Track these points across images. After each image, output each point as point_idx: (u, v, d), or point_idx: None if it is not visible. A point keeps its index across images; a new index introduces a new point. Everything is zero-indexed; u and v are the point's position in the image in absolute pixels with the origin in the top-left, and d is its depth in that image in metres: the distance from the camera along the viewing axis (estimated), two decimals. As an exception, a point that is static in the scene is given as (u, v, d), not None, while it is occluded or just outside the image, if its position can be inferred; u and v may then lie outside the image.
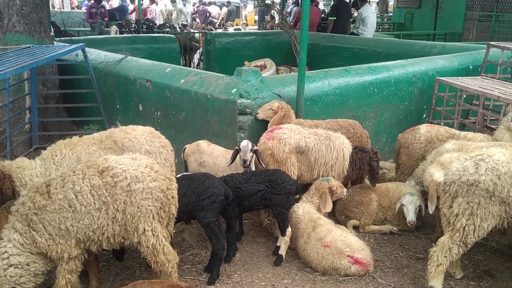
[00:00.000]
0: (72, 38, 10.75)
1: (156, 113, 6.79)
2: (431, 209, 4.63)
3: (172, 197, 3.82)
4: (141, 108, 7.08)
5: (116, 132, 4.61)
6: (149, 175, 3.68)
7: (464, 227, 3.91)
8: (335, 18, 12.49)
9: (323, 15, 15.76)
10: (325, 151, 5.13)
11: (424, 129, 5.72)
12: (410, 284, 4.28)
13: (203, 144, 5.32)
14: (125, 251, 4.50)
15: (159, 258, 3.76)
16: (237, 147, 4.89)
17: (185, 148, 5.35)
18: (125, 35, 14.08)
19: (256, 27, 25.91)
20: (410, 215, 4.94)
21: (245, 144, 4.84)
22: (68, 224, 3.52)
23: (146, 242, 3.68)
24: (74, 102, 8.26)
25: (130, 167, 3.67)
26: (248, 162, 4.81)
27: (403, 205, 5.01)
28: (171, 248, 3.85)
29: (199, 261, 4.65)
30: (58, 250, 3.54)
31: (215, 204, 4.19)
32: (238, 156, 4.89)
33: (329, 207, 4.98)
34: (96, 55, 8.33)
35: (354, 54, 10.84)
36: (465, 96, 7.01)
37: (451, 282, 4.31)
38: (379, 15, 18.70)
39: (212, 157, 5.22)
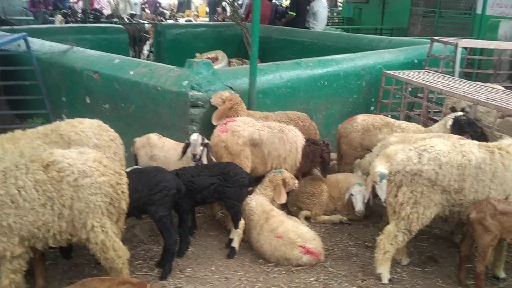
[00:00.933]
0: (14, 27, 10.21)
1: (104, 105, 6.60)
2: (371, 200, 4.82)
3: (122, 192, 3.73)
4: (88, 101, 6.86)
5: (62, 125, 4.44)
6: (97, 170, 3.57)
7: (409, 215, 4.08)
8: (294, 14, 12.55)
9: (282, 8, 15.74)
10: (278, 144, 5.18)
11: (361, 118, 5.94)
12: (359, 272, 4.41)
13: (154, 137, 5.23)
14: (73, 248, 4.37)
15: (109, 254, 3.67)
16: (187, 141, 4.85)
17: (135, 142, 5.24)
18: (71, 25, 13.54)
19: (207, 18, 25.65)
20: (359, 205, 5.09)
21: (195, 138, 4.79)
22: (10, 221, 3.35)
23: (95, 238, 3.58)
24: (17, 95, 7.87)
25: (77, 161, 3.55)
26: (197, 156, 4.77)
27: (352, 195, 5.16)
28: (121, 244, 3.77)
29: (150, 256, 4.58)
30: (0, 249, 3.38)
31: (167, 198, 4.14)
32: (189, 149, 4.85)
33: (283, 199, 5.04)
34: (39, 45, 7.96)
35: (305, 47, 10.97)
36: (410, 89, 7.27)
37: (398, 269, 4.48)
38: (329, 9, 18.98)
39: (163, 150, 5.13)
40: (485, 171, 4.01)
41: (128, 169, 4.40)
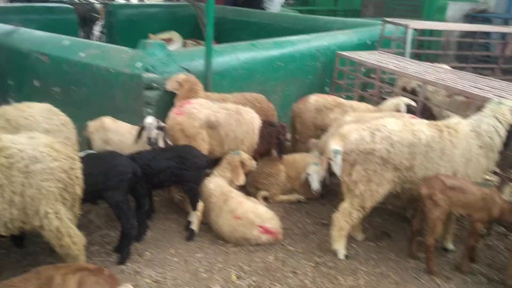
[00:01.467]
0: (-48, 6, 9.60)
1: (54, 89, 6.35)
2: (327, 178, 4.96)
3: (76, 177, 3.64)
4: (37, 84, 6.59)
5: (9, 110, 4.25)
6: (49, 155, 3.45)
7: (362, 193, 4.20)
8: None
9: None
10: (235, 126, 5.18)
11: (314, 98, 6.05)
12: (316, 249, 4.53)
13: (108, 121, 5.11)
14: (26, 236, 4.24)
15: (64, 241, 3.59)
16: (142, 124, 4.76)
17: (88, 126, 5.10)
18: (16, 4, 12.85)
19: (161, -2, 25.02)
20: (315, 184, 5.20)
21: (150, 121, 4.71)
22: None
23: (49, 225, 3.49)
24: (-41, 78, 7.45)
25: (27, 146, 3.41)
26: (153, 140, 4.70)
27: (308, 174, 5.25)
28: (76, 230, 3.69)
29: (108, 241, 4.51)
30: None
31: (123, 182, 4.07)
32: (144, 133, 4.76)
33: (242, 180, 5.06)
34: (-19, 26, 7.54)
35: (261, 28, 10.94)
36: (363, 69, 7.41)
37: (353, 244, 4.63)
38: (284, -10, 18.93)
39: (117, 134, 5.03)
40: (435, 149, 4.17)
41: (82, 154, 4.29)
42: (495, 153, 4.32)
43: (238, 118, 5.17)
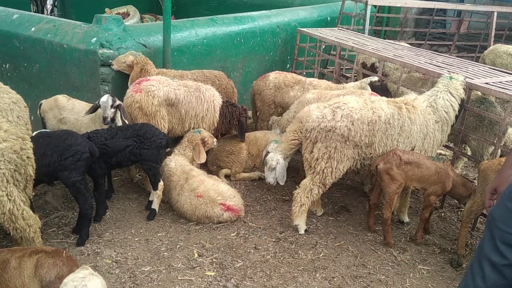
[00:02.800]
0: None
1: (4, 65, 6.05)
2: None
3: (28, 157, 3.49)
4: (-15, 61, 6.25)
5: (-46, 88, 4.01)
6: None
7: (323, 169, 4.26)
8: None
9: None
10: (195, 103, 5.10)
11: (273, 76, 6.05)
12: (278, 225, 4.59)
13: (62, 99, 4.92)
14: None
15: (19, 224, 3.47)
16: (96, 103, 4.61)
17: (41, 104, 4.90)
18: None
19: (117, -29, 24.12)
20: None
21: (105, 99, 4.56)
22: None
23: (2, 208, 3.35)
24: None
25: None
26: (108, 119, 4.57)
27: (268, 152, 5.26)
28: (31, 212, 3.57)
29: (65, 223, 4.41)
30: None
31: (79, 162, 3.95)
32: (100, 112, 4.63)
33: (203, 158, 5.03)
34: None
35: (221, 3, 10.76)
36: (324, 46, 7.44)
37: (313, 219, 4.72)
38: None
39: (73, 112, 4.85)
40: (394, 126, 4.26)
41: (35, 133, 4.13)
42: (449, 126, 4.49)
43: (199, 95, 5.10)
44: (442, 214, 5.04)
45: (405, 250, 4.31)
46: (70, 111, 4.86)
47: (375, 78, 5.67)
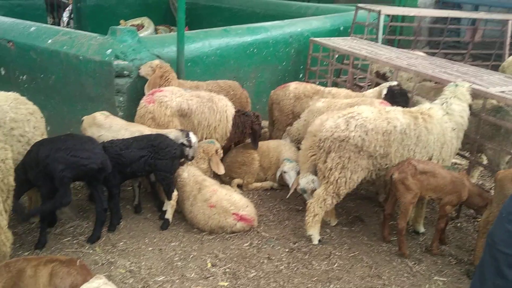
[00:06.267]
0: None
1: (21, 77, 6.16)
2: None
3: (10, 167, 3.48)
4: (3, 72, 6.38)
5: (-27, 99, 4.10)
6: None
7: (337, 179, 4.24)
8: None
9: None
10: (208, 113, 5.13)
11: (293, 86, 6.03)
12: (291, 235, 4.56)
13: (100, 116, 4.83)
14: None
15: (1, 237, 3.37)
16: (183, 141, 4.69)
17: (82, 121, 4.89)
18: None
19: (132, -17, 24.47)
20: (292, 181, 5.05)
21: (196, 140, 4.75)
22: None
23: None
24: None
25: None
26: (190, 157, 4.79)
27: (284, 172, 5.21)
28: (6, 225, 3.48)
29: (80, 232, 4.44)
30: None
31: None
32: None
33: (222, 169, 5.04)
34: None
35: (234, 14, 10.82)
36: (337, 56, 7.43)
37: (327, 229, 4.68)
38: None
39: (111, 131, 4.73)
40: (410, 136, 4.23)
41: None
42: (463, 132, 4.46)
43: (211, 105, 5.13)
44: (458, 224, 4.96)
45: (420, 261, 4.25)
46: (107, 129, 4.75)
47: (394, 83, 5.61)
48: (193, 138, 4.69)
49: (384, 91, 5.41)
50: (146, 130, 4.73)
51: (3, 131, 4.02)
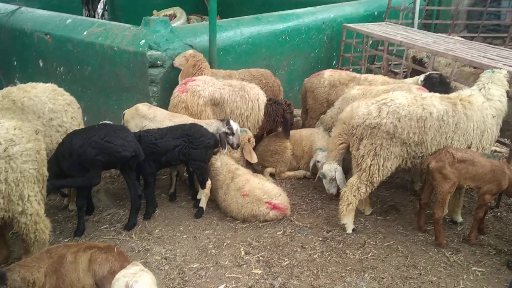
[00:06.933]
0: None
1: (58, 68, 6.33)
2: None
3: (44, 157, 3.58)
4: (41, 64, 6.56)
5: (14, 91, 4.23)
6: (23, 136, 3.35)
7: (370, 167, 4.18)
8: None
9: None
10: (240, 102, 5.13)
11: (328, 74, 5.93)
12: (325, 224, 4.53)
13: (143, 107, 4.89)
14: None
15: (40, 226, 3.50)
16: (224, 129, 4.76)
17: (124, 114, 4.96)
18: (17, -17, 12.70)
19: (164, -27, 24.64)
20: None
21: (237, 127, 4.79)
22: None
23: (30, 209, 3.39)
24: (-37, 60, 7.44)
25: (0, 131, 3.27)
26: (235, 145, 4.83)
27: (317, 161, 5.17)
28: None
29: (117, 220, 4.55)
30: None
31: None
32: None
33: (255, 158, 5.05)
34: (-17, 6, 7.48)
35: (265, 2, 10.74)
36: (371, 42, 7.28)
37: (362, 219, 4.63)
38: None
39: (155, 121, 4.78)
40: (448, 123, 4.11)
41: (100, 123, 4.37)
42: (501, 119, 4.33)
43: (243, 94, 5.12)
44: (498, 213, 4.81)
45: (458, 251, 4.15)
46: (151, 120, 4.81)
47: (435, 72, 5.43)
48: (234, 125, 4.71)
49: (422, 78, 5.25)
50: (189, 121, 4.77)
51: (42, 122, 4.17)
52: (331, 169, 4.72)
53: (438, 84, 5.18)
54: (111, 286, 2.66)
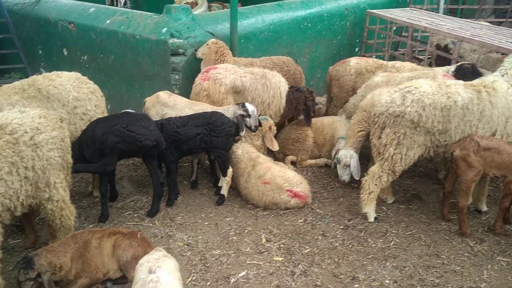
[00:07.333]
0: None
1: (82, 57, 6.41)
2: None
3: (68, 145, 3.67)
4: (65, 53, 6.66)
5: (39, 79, 4.31)
6: (48, 125, 3.43)
7: (392, 156, 4.13)
8: None
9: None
10: (261, 90, 5.12)
11: (354, 61, 5.84)
12: (346, 212, 4.52)
13: (163, 95, 4.93)
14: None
15: (66, 212, 3.60)
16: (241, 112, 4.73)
17: (145, 102, 5.02)
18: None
19: (185, -39, 24.57)
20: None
21: (253, 108, 4.72)
22: None
23: (57, 195, 3.48)
24: (-10, 49, 7.61)
25: (25, 119, 3.34)
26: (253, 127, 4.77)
27: (339, 149, 5.13)
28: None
29: (140, 206, 4.62)
30: None
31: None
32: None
33: (276, 146, 5.05)
34: (9, -5, 7.61)
35: (287, -12, 10.64)
36: (395, 28, 7.15)
37: (384, 207, 4.59)
38: None
39: (175, 109, 4.82)
40: (473, 111, 4.02)
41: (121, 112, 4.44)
42: None
43: (265, 82, 5.11)
44: (525, 203, 4.71)
45: (482, 240, 4.09)
46: (172, 108, 4.84)
47: (466, 62, 5.28)
48: (250, 107, 4.70)
49: (452, 69, 5.10)
50: (209, 109, 4.79)
51: (67, 110, 4.25)
52: (346, 155, 4.70)
53: (470, 74, 5.01)
54: (135, 271, 2.71)
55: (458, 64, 5.16)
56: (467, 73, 5.01)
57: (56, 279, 3.25)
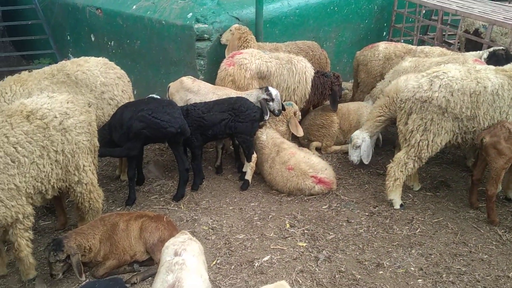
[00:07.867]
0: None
1: (109, 43, 6.48)
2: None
3: (95, 129, 3.74)
4: (93, 38, 6.74)
5: (68, 65, 4.39)
6: (75, 109, 3.51)
7: (419, 142, 4.05)
8: None
9: None
10: (287, 75, 5.09)
11: (383, 46, 5.72)
12: (371, 199, 4.48)
13: (187, 81, 4.95)
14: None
15: (94, 194, 3.70)
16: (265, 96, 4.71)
17: (169, 87, 5.06)
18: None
19: None
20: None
21: (276, 92, 4.71)
22: (17, 181, 3.18)
23: (86, 178, 3.58)
24: (21, 35, 7.76)
25: (54, 104, 3.43)
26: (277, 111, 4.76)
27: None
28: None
29: (166, 191, 4.69)
30: (12, 214, 3.20)
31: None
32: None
33: (301, 131, 5.03)
34: (38, -18, 7.72)
35: (313, -29, 10.47)
36: (424, 11, 6.97)
37: (410, 194, 4.53)
38: None
39: (199, 94, 4.85)
40: (503, 97, 3.90)
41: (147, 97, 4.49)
42: None
43: (290, 67, 5.07)
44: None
45: (511, 229, 4.00)
46: (195, 93, 4.86)
47: (500, 47, 5.12)
48: (273, 91, 4.68)
49: (485, 55, 4.94)
50: (233, 94, 4.79)
51: (94, 95, 4.32)
52: (359, 136, 4.65)
53: (504, 60, 4.86)
54: (161, 253, 2.76)
55: (491, 49, 5.00)
56: (500, 59, 4.85)
57: (85, 260, 3.36)
